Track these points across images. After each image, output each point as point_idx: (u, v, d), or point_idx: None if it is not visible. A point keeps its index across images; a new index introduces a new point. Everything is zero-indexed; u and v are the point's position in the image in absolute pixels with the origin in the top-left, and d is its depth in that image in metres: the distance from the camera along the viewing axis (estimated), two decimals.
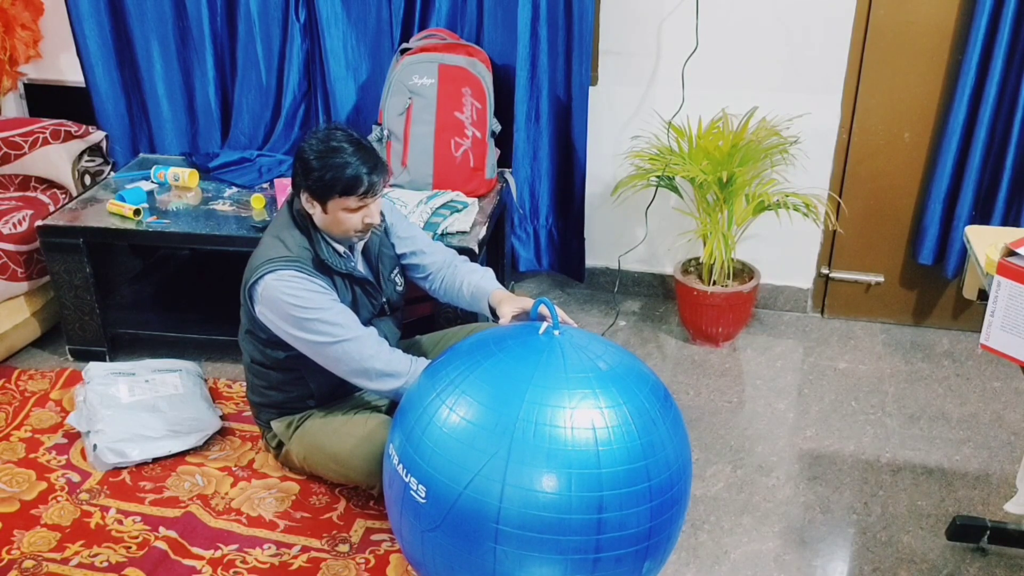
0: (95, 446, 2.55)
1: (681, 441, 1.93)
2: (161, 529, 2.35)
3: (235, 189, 3.23)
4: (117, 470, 2.57)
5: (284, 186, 3.05)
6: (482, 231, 2.90)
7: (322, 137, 2.27)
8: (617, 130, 3.31)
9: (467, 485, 1.75)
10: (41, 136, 3.24)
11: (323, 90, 3.38)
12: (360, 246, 2.44)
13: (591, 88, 3.20)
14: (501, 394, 1.80)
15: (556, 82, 3.21)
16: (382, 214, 2.43)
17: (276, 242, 2.32)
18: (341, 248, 2.37)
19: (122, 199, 3.05)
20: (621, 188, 3.21)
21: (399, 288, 2.55)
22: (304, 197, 2.29)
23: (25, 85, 3.66)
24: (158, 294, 3.38)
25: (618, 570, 1.80)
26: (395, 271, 2.53)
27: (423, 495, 1.81)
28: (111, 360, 3.07)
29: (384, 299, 2.49)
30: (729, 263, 3.17)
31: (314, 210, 2.29)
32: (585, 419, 1.77)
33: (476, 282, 2.45)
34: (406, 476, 1.85)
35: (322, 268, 2.33)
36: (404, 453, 1.87)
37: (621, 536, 1.76)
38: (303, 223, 2.34)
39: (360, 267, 2.44)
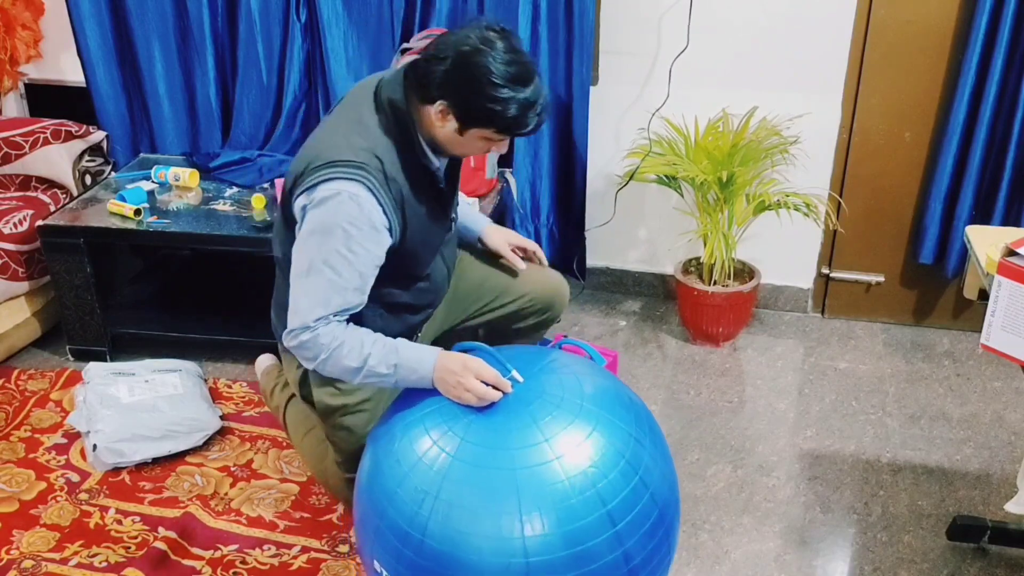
0: (95, 446, 2.55)
1: (646, 419, 1.86)
2: (160, 529, 2.35)
3: (236, 189, 3.23)
4: (117, 470, 2.58)
5: None
6: None
7: (508, 57, 1.80)
8: (617, 130, 3.31)
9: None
10: (42, 136, 3.24)
11: (324, 90, 3.38)
12: None
13: (592, 88, 3.19)
14: (490, 479, 1.67)
15: (557, 82, 3.21)
16: None
17: (351, 135, 1.92)
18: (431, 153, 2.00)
19: (123, 199, 3.05)
20: (621, 188, 3.21)
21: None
22: (438, 106, 1.88)
23: (26, 85, 3.66)
24: (158, 294, 3.38)
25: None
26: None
27: None
28: (111, 360, 3.07)
29: (454, 214, 2.23)
30: (730, 263, 3.16)
31: (444, 125, 1.90)
32: (569, 446, 1.68)
33: (468, 213, 2.45)
34: None
35: (409, 171, 1.95)
36: (403, 570, 1.71)
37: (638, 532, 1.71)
38: (399, 119, 1.92)
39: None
